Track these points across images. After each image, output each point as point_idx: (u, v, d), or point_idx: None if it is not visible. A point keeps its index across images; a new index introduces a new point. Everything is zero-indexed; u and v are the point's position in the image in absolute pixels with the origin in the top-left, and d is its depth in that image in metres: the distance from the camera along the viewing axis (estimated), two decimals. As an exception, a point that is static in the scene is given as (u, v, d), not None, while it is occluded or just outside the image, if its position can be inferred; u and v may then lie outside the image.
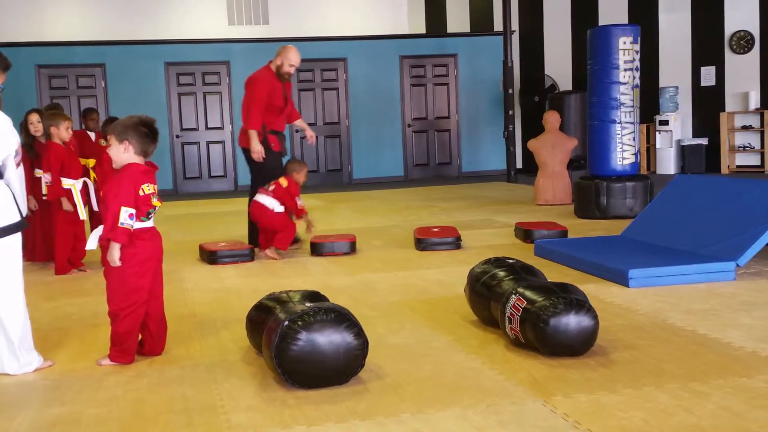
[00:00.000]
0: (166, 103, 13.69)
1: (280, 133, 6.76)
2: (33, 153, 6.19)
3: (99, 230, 3.44)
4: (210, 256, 6.08)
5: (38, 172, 6.16)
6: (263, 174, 6.58)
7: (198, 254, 6.39)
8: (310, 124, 14.30)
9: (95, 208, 5.85)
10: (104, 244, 3.43)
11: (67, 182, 5.83)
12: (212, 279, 5.50)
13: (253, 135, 6.50)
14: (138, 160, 3.49)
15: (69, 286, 5.47)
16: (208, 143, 14.05)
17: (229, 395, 3.01)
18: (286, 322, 3.02)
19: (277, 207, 6.22)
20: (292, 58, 6.64)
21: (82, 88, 13.49)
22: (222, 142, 14.09)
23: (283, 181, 6.33)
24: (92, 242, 3.47)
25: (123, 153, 3.47)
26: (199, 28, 14.40)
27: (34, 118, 6.22)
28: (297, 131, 14.31)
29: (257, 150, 6.50)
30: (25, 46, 13.06)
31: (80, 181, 5.98)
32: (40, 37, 13.59)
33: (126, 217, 3.35)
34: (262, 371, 3.26)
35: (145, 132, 3.47)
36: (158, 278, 3.59)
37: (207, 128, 14.02)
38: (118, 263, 3.40)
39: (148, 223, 3.49)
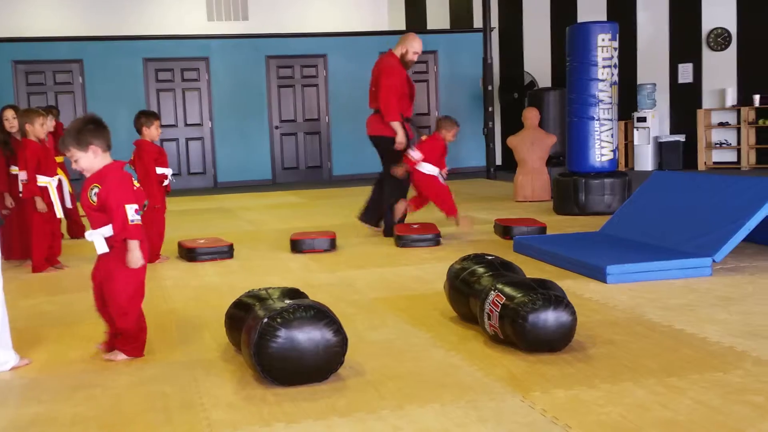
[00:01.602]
0: (145, 100, 13.61)
1: (410, 120, 6.91)
2: (9, 150, 6.14)
3: (98, 233, 3.39)
4: (189, 254, 6.06)
5: (14, 170, 6.11)
6: (396, 161, 6.71)
7: (177, 251, 6.37)
8: (289, 121, 14.29)
9: (68, 205, 5.82)
10: (116, 244, 3.41)
11: (42, 180, 5.79)
12: (191, 276, 5.47)
13: (397, 126, 6.64)
14: (108, 158, 3.47)
15: (46, 284, 5.43)
16: (187, 140, 13.98)
17: (208, 393, 3.00)
18: (266, 320, 3.01)
19: (433, 171, 6.53)
20: (415, 46, 6.82)
21: (59, 84, 13.38)
22: (201, 138, 14.02)
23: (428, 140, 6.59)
24: (101, 246, 3.43)
25: (95, 157, 3.43)
26: (177, 24, 14.32)
27: (10, 114, 6.17)
28: (277, 127, 14.28)
29: (403, 140, 6.65)
30: (2, 42, 12.93)
31: (56, 178, 5.94)
32: (17, 32, 13.46)
33: (133, 213, 3.38)
34: (242, 369, 3.26)
35: (95, 127, 3.45)
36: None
37: (186, 125, 13.95)
38: (141, 261, 3.42)
39: (138, 219, 3.50)
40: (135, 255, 3.40)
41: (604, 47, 7.92)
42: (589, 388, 2.88)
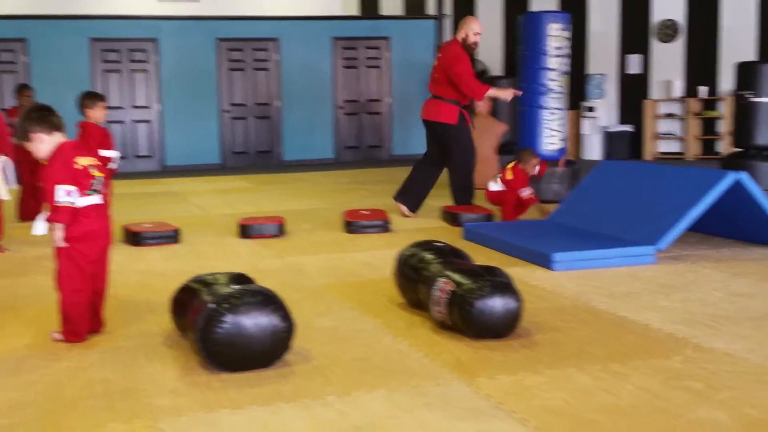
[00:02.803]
0: (91, 81, 13.32)
1: (468, 107, 7.00)
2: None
3: (45, 214, 3.39)
4: (134, 238, 5.96)
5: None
6: (466, 148, 6.87)
7: (122, 235, 6.25)
8: (240, 105, 14.15)
9: (12, 186, 5.69)
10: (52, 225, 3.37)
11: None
12: (136, 261, 5.39)
13: (492, 92, 6.90)
14: (59, 138, 3.43)
15: (-14, 268, 5.29)
16: (134, 122, 13.74)
17: (151, 379, 2.96)
18: (212, 305, 2.98)
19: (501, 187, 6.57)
20: (474, 27, 6.88)
21: (2, 63, 13.02)
22: (149, 121, 13.79)
23: (509, 173, 6.52)
24: (39, 227, 3.41)
25: (42, 144, 3.43)
26: (126, 4, 14.04)
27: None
28: (227, 111, 14.13)
29: (507, 94, 6.94)
30: (-59, 18, 12.54)
31: (2, 159, 5.79)
32: (-43, 8, 13.07)
33: (63, 195, 3.30)
34: (186, 354, 3.22)
35: (39, 114, 3.44)
36: (105, 256, 3.57)
37: (133, 107, 13.70)
38: (62, 243, 3.36)
39: (96, 199, 3.42)
40: (56, 235, 3.35)
41: (556, 37, 7.98)
42: (533, 373, 2.91)
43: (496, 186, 6.61)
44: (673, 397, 2.64)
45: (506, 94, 6.94)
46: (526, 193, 6.44)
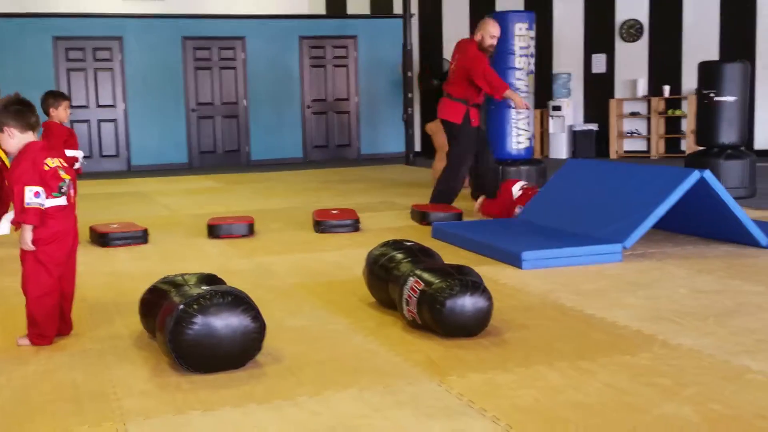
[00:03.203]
0: (55, 80, 13.15)
1: (480, 107, 7.03)
2: None
3: (10, 215, 3.34)
4: (101, 239, 5.90)
5: None
6: (464, 149, 6.88)
7: (89, 236, 6.19)
8: (207, 104, 14.06)
9: None
10: (18, 227, 3.32)
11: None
12: (103, 262, 5.34)
13: (509, 93, 6.89)
14: (29, 137, 3.39)
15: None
16: (99, 121, 13.59)
17: (120, 381, 2.93)
18: (182, 306, 2.96)
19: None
20: (491, 30, 6.86)
21: (-37, 62, 12.81)
22: (114, 120, 13.65)
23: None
24: (4, 227, 3.37)
25: (11, 139, 3.39)
26: (90, 2, 13.87)
27: None
28: (193, 110, 14.04)
29: (523, 103, 6.99)
30: None
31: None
32: None
33: (32, 196, 3.26)
34: (156, 356, 3.20)
35: (18, 108, 3.39)
36: (73, 259, 3.53)
37: (98, 106, 13.55)
38: (31, 246, 3.32)
39: (62, 201, 3.39)
40: (24, 237, 3.31)
41: (522, 36, 8.04)
42: (503, 371, 2.94)
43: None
44: (641, 393, 2.68)
45: (518, 101, 7.01)
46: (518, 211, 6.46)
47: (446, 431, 2.40)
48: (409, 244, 3.98)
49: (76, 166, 5.85)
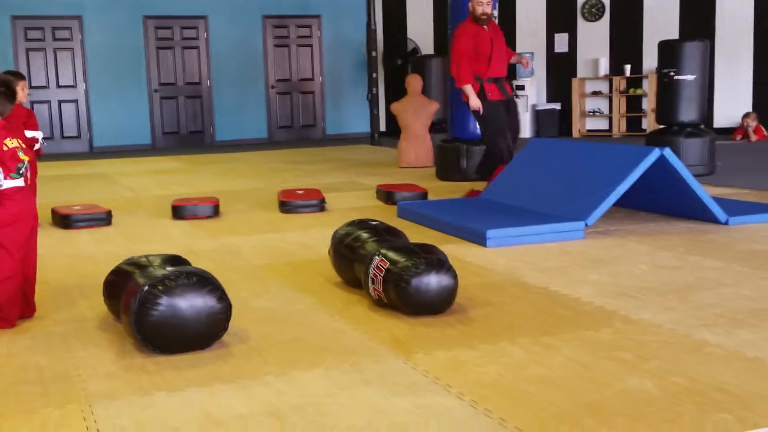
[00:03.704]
0: (13, 60, 12.91)
1: (498, 80, 6.65)
2: None
3: None
4: (63, 221, 5.83)
5: None
6: (490, 125, 6.56)
7: (51, 218, 6.11)
8: (169, 84, 13.89)
9: None
10: None
11: None
12: (66, 244, 5.28)
13: (467, 89, 6.48)
14: None
15: None
16: (60, 102, 13.38)
17: (85, 363, 2.92)
18: (146, 287, 2.95)
19: None
20: None
21: None
22: (75, 101, 13.45)
23: None
24: None
25: None
26: (48, -20, 13.61)
27: None
28: (156, 90, 13.87)
29: (475, 104, 6.49)
30: None
31: None
32: None
33: None
34: (121, 338, 3.18)
35: (3, 91, 3.34)
36: (33, 240, 3.49)
37: (58, 86, 13.34)
38: None
39: (20, 182, 3.33)
40: None
41: (485, 16, 8.02)
42: (468, 348, 2.97)
43: None
44: (603, 367, 2.73)
45: (474, 103, 6.51)
46: None
47: (412, 408, 2.43)
48: (374, 223, 3.99)
49: (36, 147, 5.76)
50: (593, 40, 13.33)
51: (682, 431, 2.20)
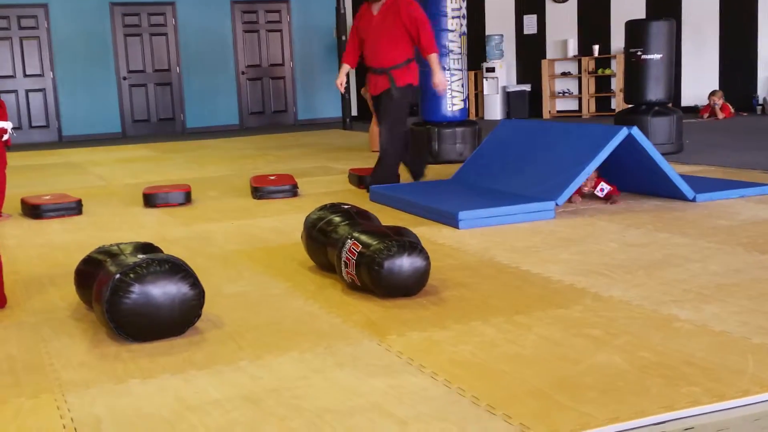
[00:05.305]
0: (-23, 49, 12.72)
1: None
2: None
3: None
4: (33, 211, 5.78)
5: None
6: (405, 111, 6.33)
7: (20, 209, 6.06)
8: (138, 72, 13.76)
9: None
10: None
11: None
12: (36, 234, 5.24)
13: (434, 59, 6.25)
14: None
15: None
16: (27, 91, 13.21)
17: (58, 353, 2.91)
18: (118, 275, 2.94)
19: None
20: None
21: None
22: (43, 90, 13.28)
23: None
24: None
25: None
26: (10, -32, 13.40)
27: None
28: (125, 78, 13.74)
29: (441, 79, 6.30)
30: None
31: None
32: None
33: None
34: (94, 327, 3.17)
35: None
36: None
37: (25, 76, 13.17)
38: None
39: None
40: None
41: (454, -2, 8.04)
42: (441, 329, 3.00)
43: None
44: (574, 344, 2.77)
45: (440, 78, 6.33)
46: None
47: (386, 388, 2.45)
48: (346, 207, 4.00)
49: (5, 137, 5.70)
50: (562, 21, 13.39)
51: (652, 404, 2.24)
